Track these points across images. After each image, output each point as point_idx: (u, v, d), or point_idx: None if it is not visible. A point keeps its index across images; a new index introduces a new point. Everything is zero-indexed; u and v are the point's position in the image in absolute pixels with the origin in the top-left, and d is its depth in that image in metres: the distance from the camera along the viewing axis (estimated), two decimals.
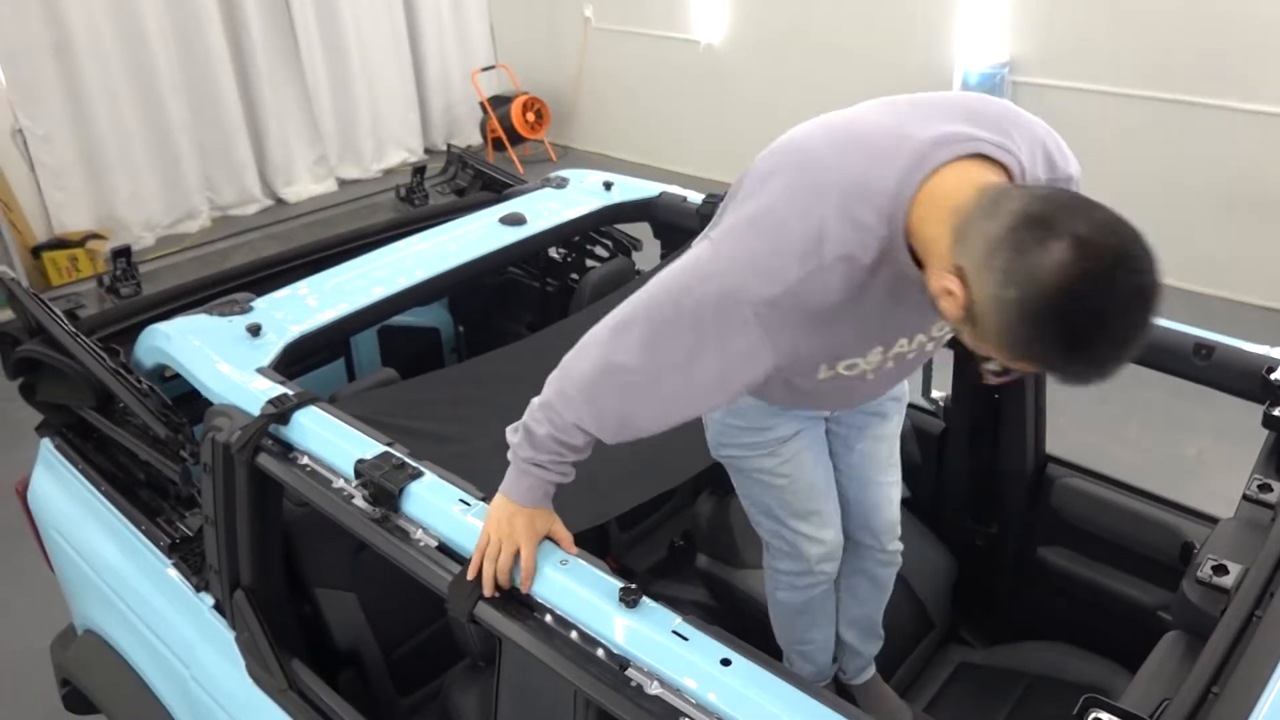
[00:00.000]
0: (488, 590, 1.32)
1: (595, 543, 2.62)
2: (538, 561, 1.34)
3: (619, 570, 2.56)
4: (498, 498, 1.39)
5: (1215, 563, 1.27)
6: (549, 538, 1.38)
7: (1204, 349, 1.79)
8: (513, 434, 1.40)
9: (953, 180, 1.11)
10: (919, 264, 1.16)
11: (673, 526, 2.83)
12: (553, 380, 1.36)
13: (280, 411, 1.66)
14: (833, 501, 1.83)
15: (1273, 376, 1.68)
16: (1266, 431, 1.63)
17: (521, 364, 2.20)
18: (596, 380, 1.29)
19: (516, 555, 1.33)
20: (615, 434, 1.34)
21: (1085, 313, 1.00)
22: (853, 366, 1.37)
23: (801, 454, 1.73)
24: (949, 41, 5.61)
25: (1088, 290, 0.99)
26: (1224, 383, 1.79)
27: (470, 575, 1.34)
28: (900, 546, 1.97)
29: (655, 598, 1.26)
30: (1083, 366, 1.04)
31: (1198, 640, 1.20)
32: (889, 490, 1.90)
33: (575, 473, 1.40)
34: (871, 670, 2.09)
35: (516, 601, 1.33)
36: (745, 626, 2.11)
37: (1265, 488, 1.45)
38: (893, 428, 1.85)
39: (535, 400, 1.37)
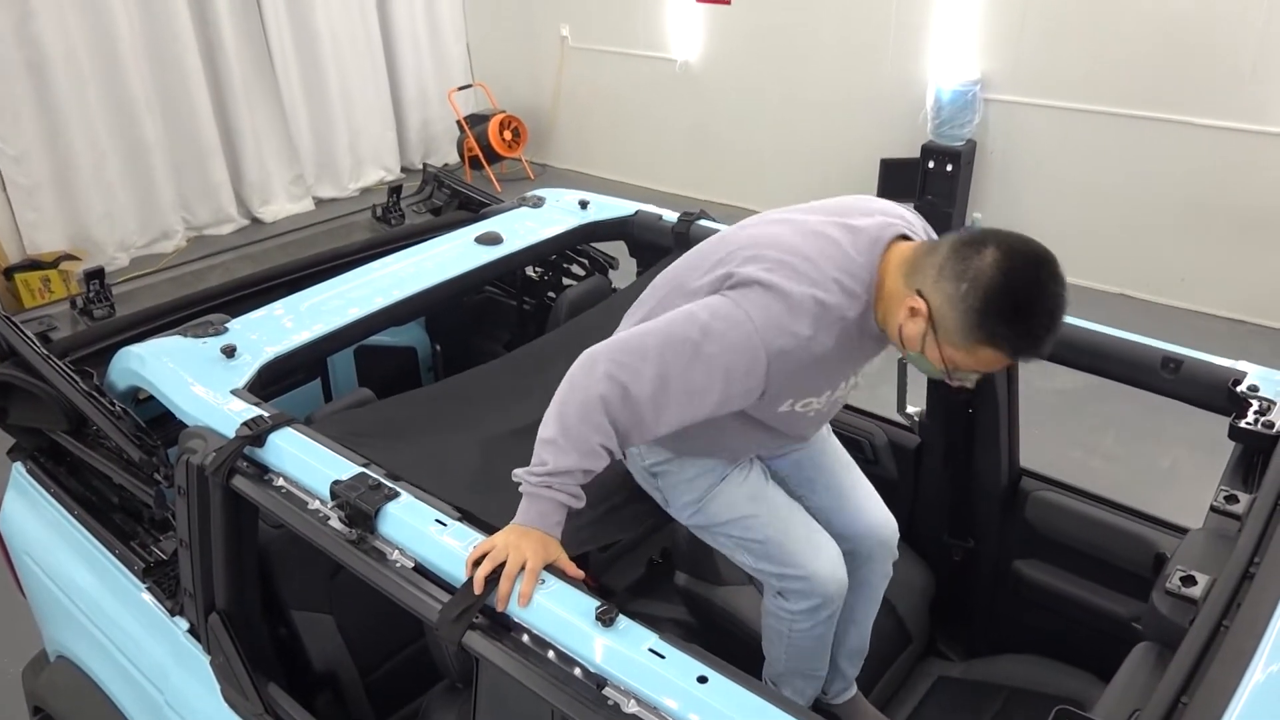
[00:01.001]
0: (479, 588, 1.31)
1: (573, 562, 2.61)
2: (521, 582, 1.33)
3: (598, 589, 2.55)
4: (509, 526, 1.42)
5: (1184, 574, 1.29)
6: (555, 565, 1.40)
7: (1172, 362, 1.82)
8: (522, 471, 1.48)
9: (897, 252, 1.50)
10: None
11: (652, 544, 2.83)
12: (559, 408, 1.48)
13: (255, 433, 1.66)
14: (812, 521, 1.84)
15: (1238, 389, 1.71)
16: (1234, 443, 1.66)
17: (498, 383, 2.20)
18: (609, 404, 1.45)
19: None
20: (619, 448, 1.49)
21: (1021, 288, 1.34)
22: (808, 405, 1.63)
23: (752, 476, 1.79)
24: (922, 60, 5.69)
25: (1018, 272, 1.34)
26: (1192, 395, 1.81)
27: (466, 574, 1.34)
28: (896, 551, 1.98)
29: (632, 616, 1.26)
30: (1024, 335, 1.36)
31: (1168, 651, 1.21)
32: (865, 487, 1.94)
33: (584, 498, 1.49)
34: (853, 690, 2.09)
35: (494, 622, 1.33)
36: (724, 644, 2.11)
37: (1232, 498, 1.47)
38: (823, 436, 1.94)
39: (543, 432, 1.48)
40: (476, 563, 1.35)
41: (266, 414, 1.72)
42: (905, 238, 1.53)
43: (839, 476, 1.92)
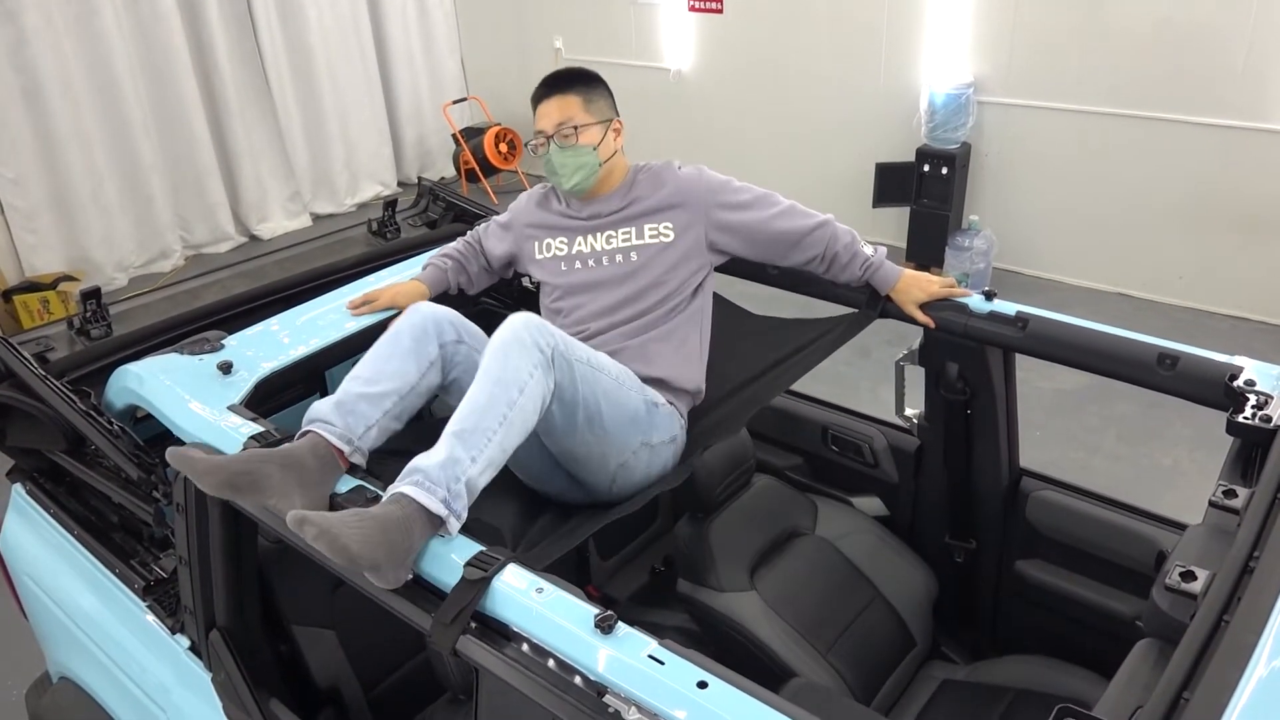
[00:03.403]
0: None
1: (576, 571, 2.62)
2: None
3: (601, 599, 2.55)
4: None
5: (1183, 569, 1.28)
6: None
7: (1168, 359, 1.82)
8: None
9: None
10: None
11: (654, 553, 2.82)
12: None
13: (267, 445, 1.65)
14: None
15: (1235, 383, 1.71)
16: (1233, 438, 1.65)
17: None
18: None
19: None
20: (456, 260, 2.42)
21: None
22: (548, 247, 2.30)
23: None
24: (915, 64, 5.70)
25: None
26: (1189, 391, 1.81)
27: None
28: None
29: (635, 625, 1.26)
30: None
31: (1169, 647, 1.21)
32: None
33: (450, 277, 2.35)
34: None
35: (493, 632, 1.32)
36: (727, 649, 2.11)
37: (1230, 493, 1.46)
38: None
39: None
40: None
41: (265, 429, 1.72)
42: None
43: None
